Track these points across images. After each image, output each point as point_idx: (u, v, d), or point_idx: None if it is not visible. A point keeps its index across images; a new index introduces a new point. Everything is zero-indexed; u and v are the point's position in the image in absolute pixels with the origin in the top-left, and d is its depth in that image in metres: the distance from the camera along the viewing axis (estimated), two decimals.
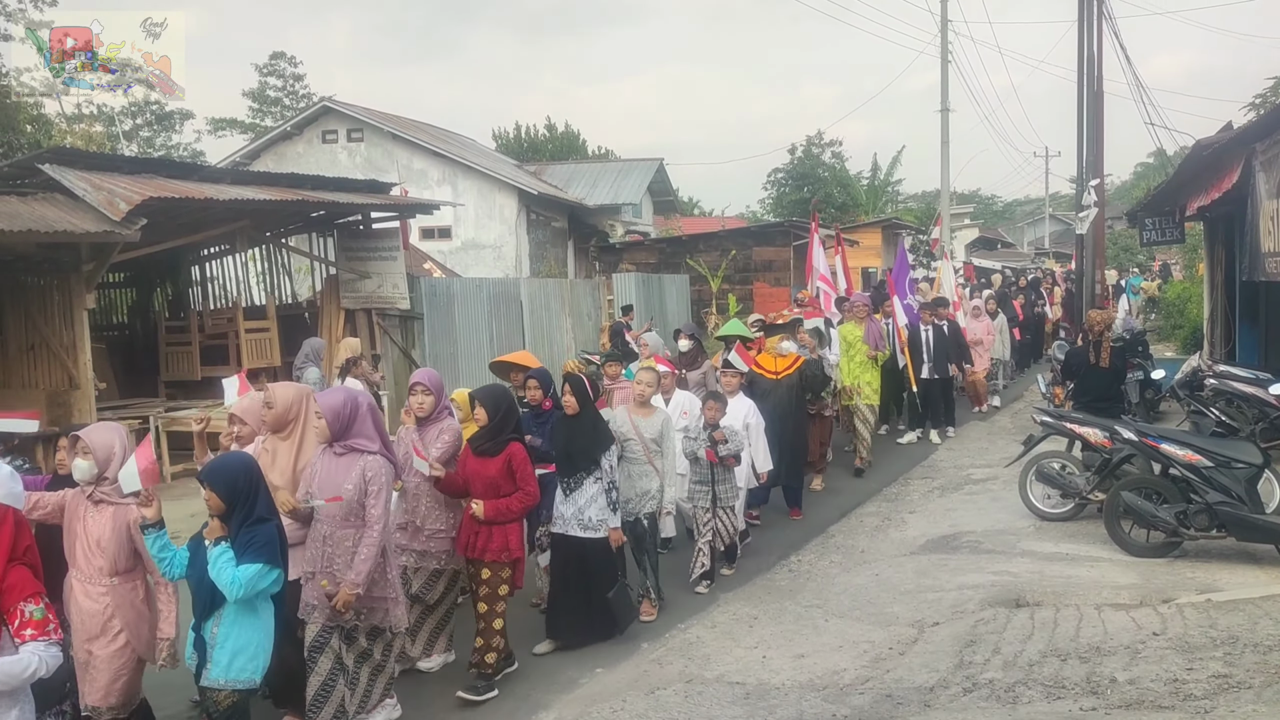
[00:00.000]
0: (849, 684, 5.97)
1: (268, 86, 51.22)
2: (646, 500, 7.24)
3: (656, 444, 7.28)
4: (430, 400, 6.35)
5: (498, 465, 6.04)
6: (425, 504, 6.31)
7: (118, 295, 17.18)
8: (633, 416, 7.33)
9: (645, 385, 7.46)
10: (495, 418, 6.11)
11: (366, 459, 5.32)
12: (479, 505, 5.97)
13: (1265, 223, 9.39)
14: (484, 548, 6.01)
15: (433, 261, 24.66)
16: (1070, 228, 30.24)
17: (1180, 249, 29.23)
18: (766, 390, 9.63)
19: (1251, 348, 14.21)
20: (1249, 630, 6.04)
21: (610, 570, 6.86)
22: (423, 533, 6.32)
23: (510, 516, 6.04)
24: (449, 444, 6.31)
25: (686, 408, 8.57)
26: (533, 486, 6.15)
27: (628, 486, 7.16)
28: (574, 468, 6.73)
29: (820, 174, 49.24)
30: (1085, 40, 16.02)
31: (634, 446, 7.23)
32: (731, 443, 7.73)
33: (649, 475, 7.26)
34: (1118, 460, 8.70)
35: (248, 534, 4.45)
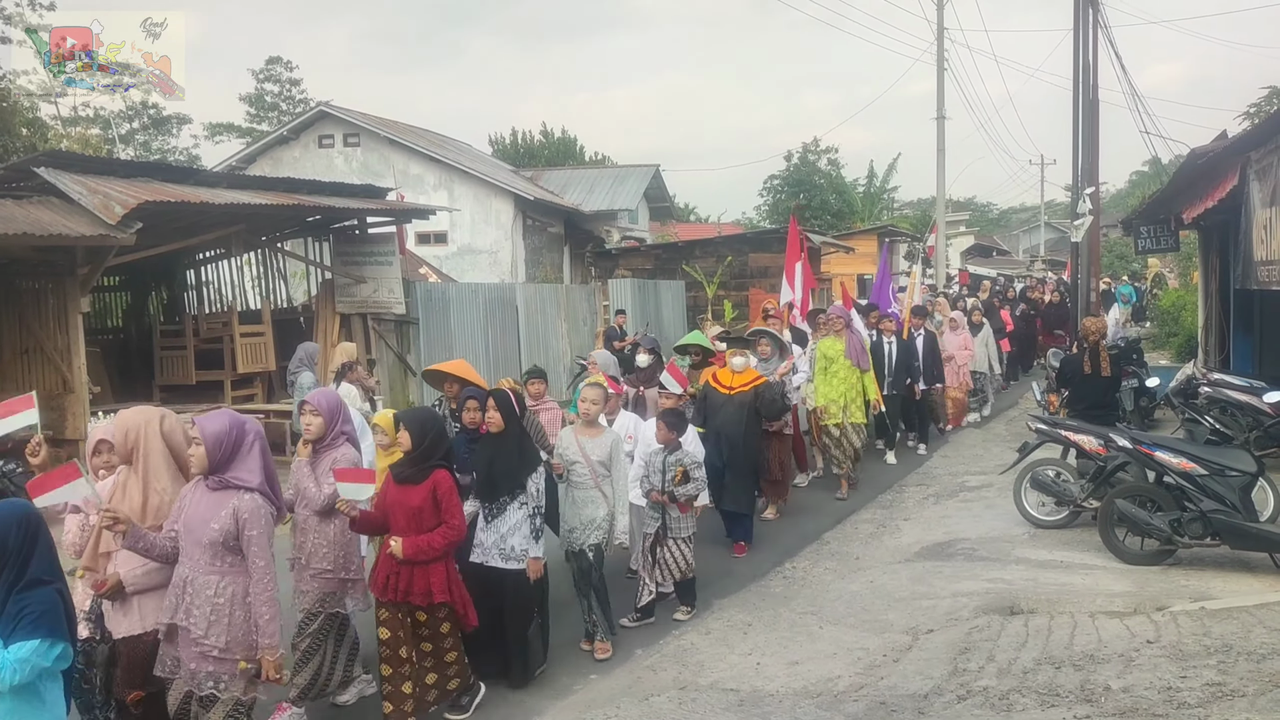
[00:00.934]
0: (843, 691, 5.97)
1: (265, 92, 51.27)
2: (592, 529, 6.64)
3: (605, 467, 6.68)
4: (318, 422, 5.69)
5: (421, 495, 5.44)
6: (312, 539, 5.69)
7: (113, 299, 17.15)
8: (579, 437, 6.77)
9: (590, 403, 6.90)
10: (421, 443, 5.51)
11: (241, 497, 4.61)
12: (397, 543, 5.38)
13: (1258, 231, 9.42)
14: (405, 589, 5.43)
15: (429, 266, 24.65)
16: (1065, 235, 30.28)
17: (1175, 257, 29.30)
18: (717, 406, 9.01)
19: (1246, 356, 14.25)
20: (1243, 638, 6.04)
21: (526, 606, 6.21)
22: (307, 571, 5.70)
23: (433, 554, 5.41)
24: None
25: (631, 431, 7.87)
26: (459, 520, 5.50)
27: (572, 514, 6.70)
28: (497, 491, 6.11)
29: (816, 181, 49.29)
30: (1081, 49, 16.04)
31: (580, 470, 6.66)
32: (693, 482, 7.16)
33: (596, 502, 6.65)
34: (1112, 468, 8.71)
35: (18, 602, 3.46)
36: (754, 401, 8.93)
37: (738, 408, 8.90)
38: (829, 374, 10.94)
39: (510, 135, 48.81)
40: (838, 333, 11.05)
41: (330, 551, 5.69)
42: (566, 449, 6.74)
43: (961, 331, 15.19)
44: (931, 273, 35.09)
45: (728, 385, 9.06)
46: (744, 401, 8.92)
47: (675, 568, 7.30)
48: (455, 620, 5.60)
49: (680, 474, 7.06)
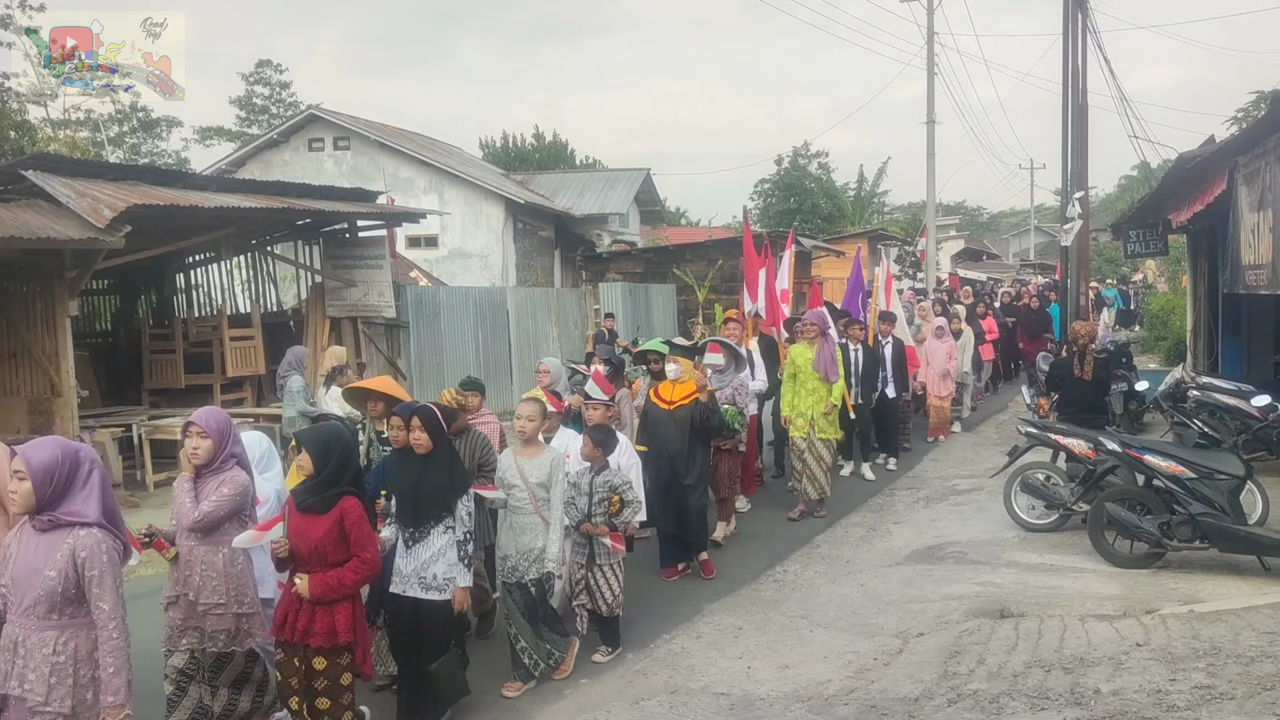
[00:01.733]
0: (834, 695, 5.97)
1: (255, 95, 51.14)
2: (535, 561, 6.11)
3: (544, 490, 6.15)
4: (208, 445, 5.08)
5: (326, 525, 4.88)
6: (199, 573, 5.07)
7: (101, 302, 17.10)
8: (517, 458, 6.22)
9: (527, 420, 6.29)
10: (324, 467, 4.93)
11: (78, 534, 3.90)
12: (303, 580, 4.86)
13: (1246, 235, 9.46)
14: (306, 629, 4.88)
15: (419, 270, 24.63)
16: (1055, 239, 30.37)
17: (1163, 261, 29.41)
18: (656, 423, 8.31)
19: (1234, 360, 14.30)
20: (1231, 641, 6.06)
21: (444, 637, 5.72)
22: (197, 608, 5.07)
23: (342, 591, 4.87)
24: (226, 500, 5.05)
25: (570, 450, 7.12)
26: (371, 553, 4.95)
27: (510, 541, 6.17)
28: (420, 515, 5.59)
29: (807, 185, 49.45)
30: (1070, 54, 16.12)
31: (519, 494, 6.13)
32: (629, 508, 6.63)
33: (535, 529, 6.12)
34: (1102, 471, 8.74)
35: None
36: (689, 417, 8.20)
37: (677, 424, 8.20)
38: (796, 383, 10.27)
39: (501, 139, 48.87)
40: (810, 340, 10.24)
41: (221, 584, 5.08)
42: (505, 471, 6.23)
43: (947, 339, 14.63)
44: (922, 276, 35.17)
45: (667, 400, 8.34)
46: (683, 417, 8.19)
47: (603, 598, 6.64)
48: (357, 672, 5.06)
49: (616, 503, 6.53)
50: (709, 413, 8.17)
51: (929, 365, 14.29)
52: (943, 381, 14.38)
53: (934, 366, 14.31)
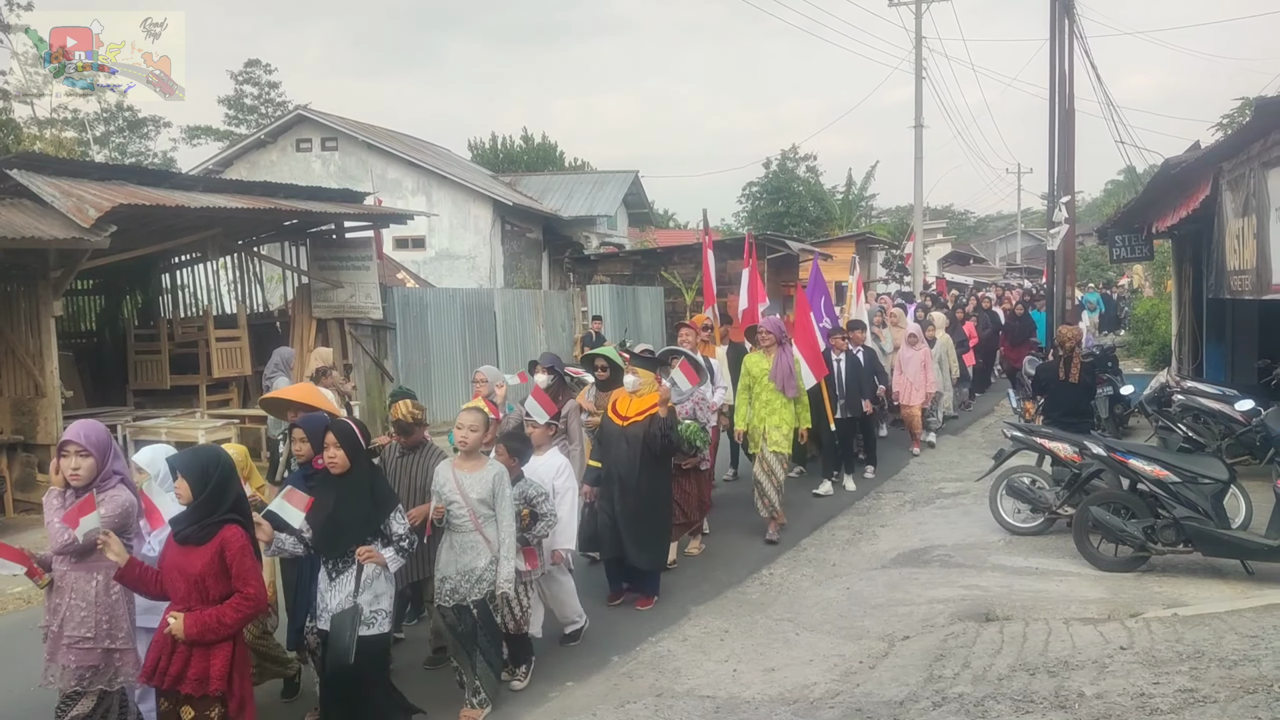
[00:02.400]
0: (819, 698, 5.97)
1: (243, 94, 51.01)
2: (475, 583, 5.72)
3: (487, 506, 5.74)
4: (89, 464, 4.70)
5: (205, 558, 4.41)
6: (68, 600, 4.65)
7: (86, 302, 17.01)
8: (456, 472, 5.80)
9: (468, 429, 5.86)
10: (202, 492, 4.47)
11: None
12: (177, 619, 4.37)
13: (1231, 241, 9.51)
14: (178, 675, 4.40)
15: (406, 271, 24.59)
16: (1042, 244, 30.48)
17: (1149, 266, 29.57)
18: (610, 439, 7.75)
19: (1218, 364, 14.38)
20: (1214, 645, 6.09)
21: (378, 673, 5.36)
22: (62, 640, 4.65)
23: (222, 632, 4.41)
24: (105, 521, 4.63)
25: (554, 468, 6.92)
26: (254, 588, 4.48)
27: (449, 562, 5.76)
28: (341, 543, 5.20)
29: (795, 188, 49.59)
30: (1057, 59, 16.18)
31: (459, 511, 5.71)
32: (542, 521, 6.19)
33: (476, 548, 5.71)
34: (1087, 475, 8.77)
35: None
36: (646, 434, 7.57)
37: (630, 441, 7.59)
38: (752, 395, 9.71)
39: (490, 140, 48.83)
40: (766, 349, 9.66)
41: (90, 614, 4.66)
42: (443, 485, 5.78)
43: (921, 346, 14.00)
44: (909, 280, 35.26)
45: (623, 414, 7.73)
46: (636, 434, 7.59)
47: (510, 614, 6.13)
48: None
49: (526, 515, 6.07)
50: (666, 429, 7.55)
51: (901, 373, 13.80)
52: (915, 390, 13.78)
53: (906, 375, 13.79)
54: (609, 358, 8.62)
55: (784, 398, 9.51)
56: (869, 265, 40.16)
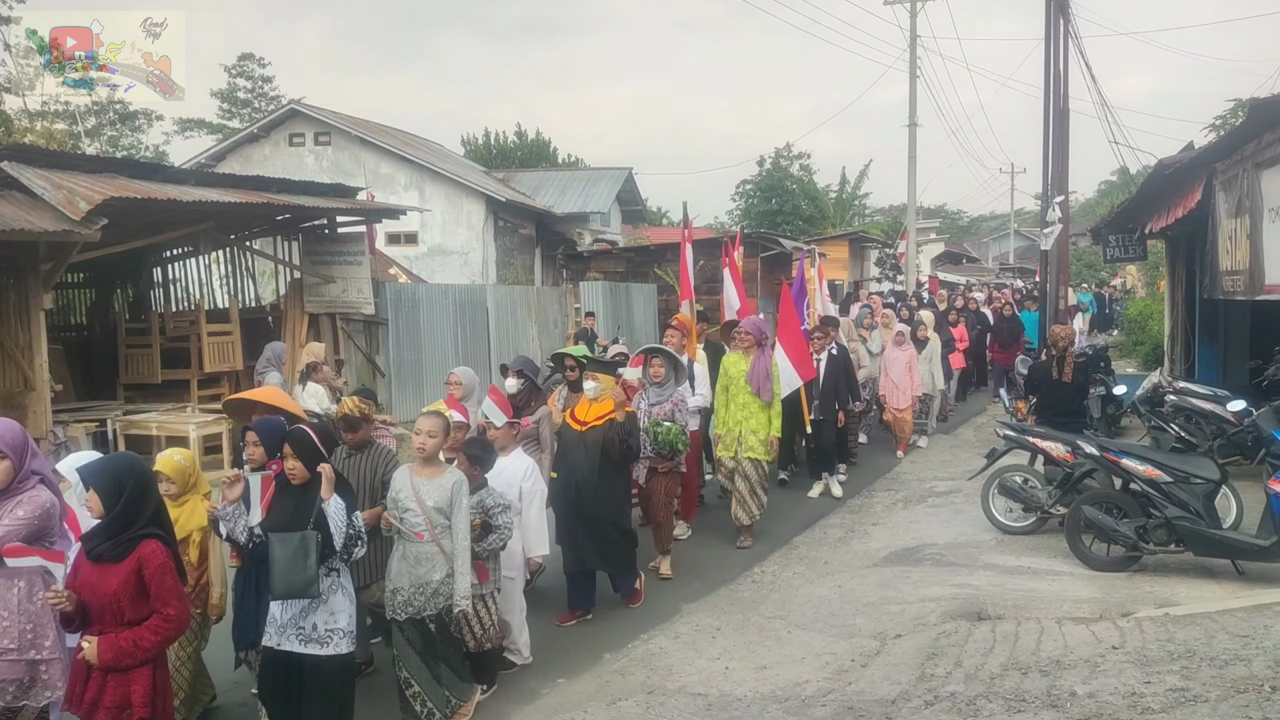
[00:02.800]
0: (811, 696, 5.96)
1: (237, 88, 50.85)
2: (431, 596, 5.41)
3: (444, 516, 5.42)
4: (6, 465, 4.43)
5: (121, 576, 4.12)
6: None
7: (76, 296, 16.92)
8: (414, 478, 5.50)
9: (426, 435, 5.54)
10: (116, 504, 4.18)
11: None
12: (91, 644, 4.12)
13: (1224, 241, 9.53)
14: (94, 702, 4.15)
15: (399, 267, 24.53)
16: (1035, 244, 30.52)
17: (1142, 266, 29.62)
18: (568, 446, 7.52)
19: (1210, 365, 14.41)
20: (1206, 644, 6.09)
21: (330, 697, 4.98)
22: None
23: (139, 656, 4.14)
24: (21, 524, 4.39)
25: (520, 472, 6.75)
26: (175, 608, 4.19)
27: (404, 573, 5.46)
28: None
29: (788, 186, 49.60)
30: (1052, 58, 16.18)
31: (414, 519, 5.42)
32: (498, 531, 5.79)
33: (433, 560, 5.41)
34: (1079, 475, 8.77)
35: None
36: (604, 440, 7.33)
37: (588, 448, 7.34)
38: (729, 397, 9.34)
39: (483, 136, 48.71)
40: (745, 350, 9.29)
41: (12, 624, 4.41)
42: (399, 492, 5.51)
43: (908, 346, 13.53)
44: (902, 279, 35.29)
45: (582, 420, 7.50)
46: (595, 440, 7.34)
47: (470, 631, 5.82)
48: None
49: (479, 524, 5.68)
50: (626, 434, 7.27)
51: (886, 375, 13.45)
52: (901, 392, 13.34)
53: (891, 376, 13.39)
54: (575, 356, 8.52)
55: (761, 401, 9.12)
56: (862, 264, 40.21)
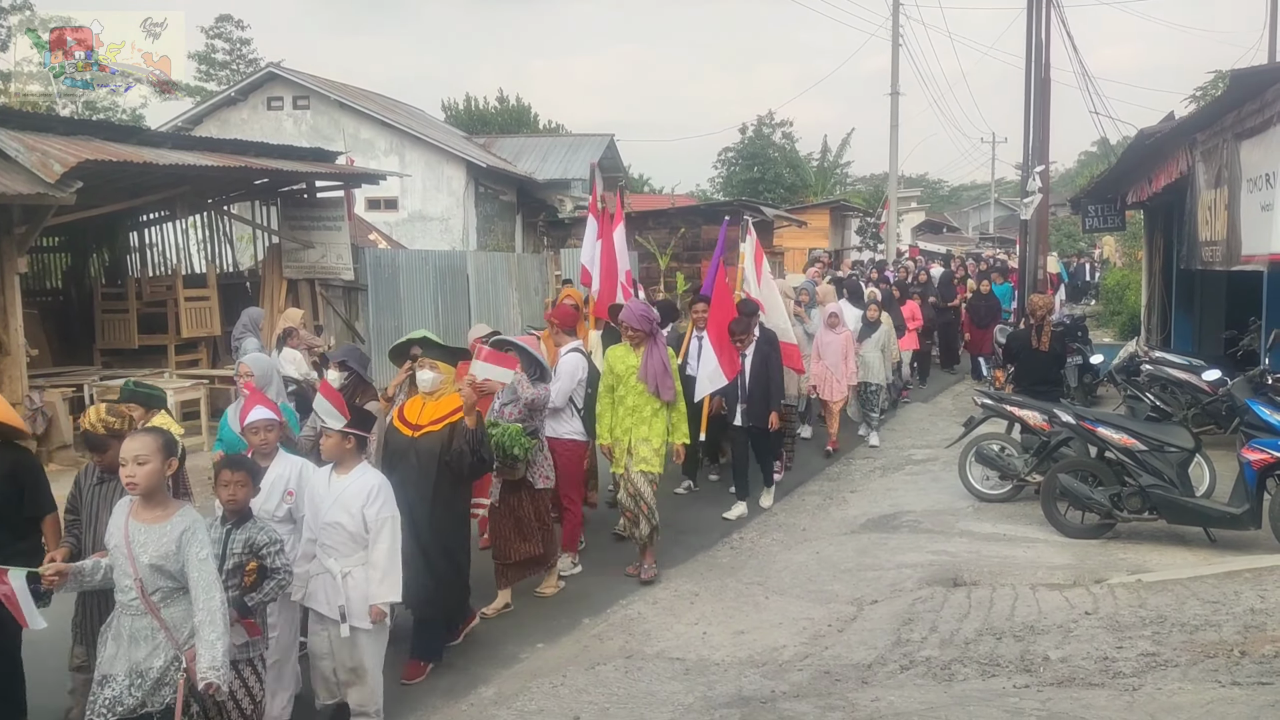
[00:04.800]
0: (788, 660, 6.02)
1: (214, 50, 50.20)
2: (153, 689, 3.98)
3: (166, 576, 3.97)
4: None
5: None
6: None
7: (52, 259, 16.73)
8: (130, 522, 4.04)
9: (134, 462, 3.97)
10: None
11: None
12: None
13: (1203, 212, 9.58)
14: None
15: (378, 233, 24.36)
16: (1015, 213, 30.61)
17: (1119, 237, 29.76)
18: (397, 455, 5.90)
19: (1186, 335, 14.55)
20: (1177, 610, 6.18)
21: None
22: None
23: None
24: None
25: (293, 484, 5.32)
26: None
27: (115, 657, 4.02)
28: None
29: (770, 154, 49.54)
30: (1034, 27, 16.17)
31: (125, 582, 3.99)
32: (275, 577, 4.62)
33: (152, 639, 3.99)
34: (1055, 443, 8.85)
35: None
36: (444, 448, 5.77)
37: (421, 459, 5.80)
38: (615, 397, 7.60)
39: (464, 101, 48.31)
40: (634, 341, 7.55)
41: None
42: (110, 539, 4.09)
43: (843, 329, 11.63)
44: (883, 248, 35.35)
45: (414, 422, 5.90)
46: (430, 449, 5.78)
47: (239, 709, 4.45)
48: None
49: (253, 570, 4.56)
50: (475, 443, 5.71)
51: (820, 360, 11.50)
52: (836, 382, 11.53)
53: (826, 362, 11.49)
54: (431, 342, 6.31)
55: (655, 402, 7.46)
56: (843, 233, 40.23)
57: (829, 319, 11.59)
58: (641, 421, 7.49)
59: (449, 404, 5.86)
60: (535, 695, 5.62)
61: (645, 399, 7.47)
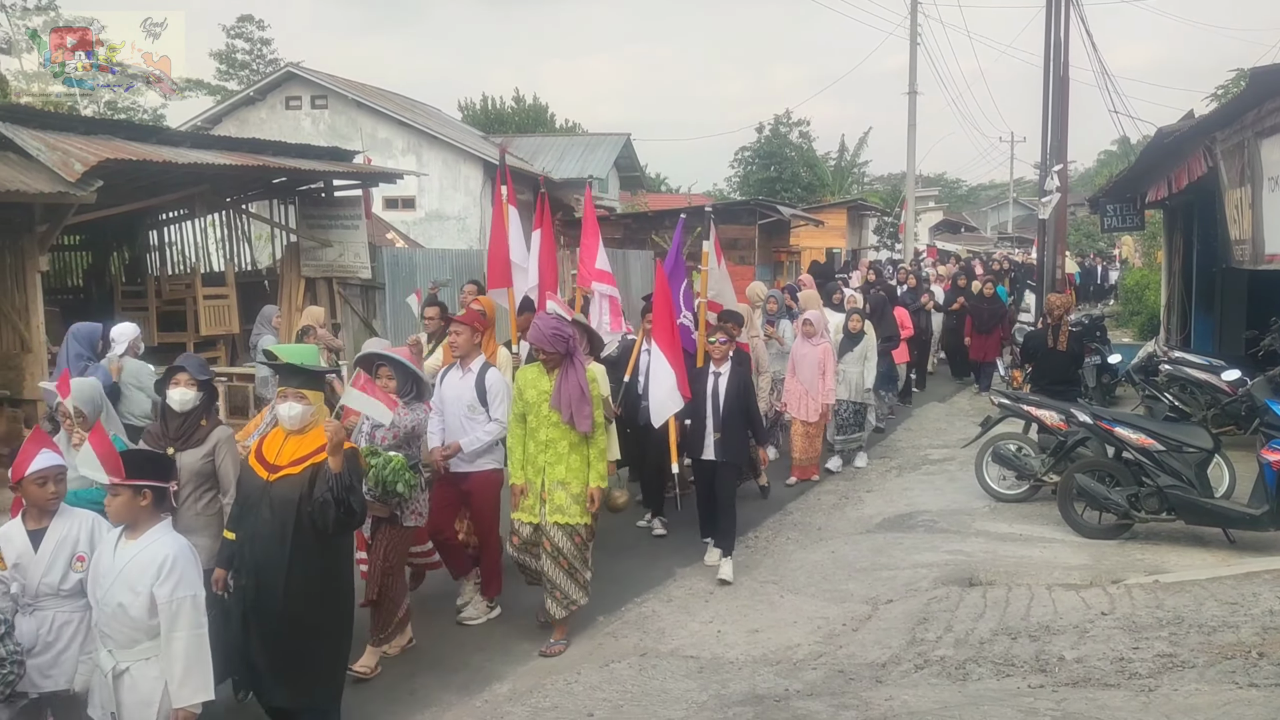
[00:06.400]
0: (802, 659, 6.02)
1: (235, 49, 50.47)
2: None
3: None
4: None
5: None
6: None
7: (73, 258, 16.88)
8: None
9: None
10: None
11: None
12: None
13: (1230, 211, 9.50)
14: None
15: (396, 232, 24.44)
16: (1033, 213, 30.45)
17: (1138, 237, 29.59)
18: (245, 500, 4.90)
19: (1206, 335, 14.44)
20: (1194, 611, 6.14)
21: None
22: None
23: None
24: None
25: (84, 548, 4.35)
26: None
27: None
28: None
29: (787, 153, 49.45)
30: (1053, 26, 16.08)
31: None
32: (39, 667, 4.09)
33: None
34: (1072, 443, 8.81)
35: None
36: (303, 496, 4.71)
37: (275, 507, 4.74)
38: (526, 430, 6.28)
39: (480, 101, 48.43)
40: (547, 363, 6.24)
41: None
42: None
43: (819, 341, 10.24)
44: (900, 247, 35.23)
45: (271, 461, 4.85)
46: (286, 496, 4.73)
47: None
48: None
49: None
50: (341, 490, 4.62)
51: (793, 375, 10.35)
52: (810, 401, 10.22)
53: (801, 378, 10.28)
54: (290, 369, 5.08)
55: (573, 435, 6.20)
56: (860, 232, 40.12)
57: (804, 327, 10.26)
58: (557, 459, 6.20)
59: (315, 440, 4.79)
60: (549, 692, 5.64)
61: (561, 431, 6.18)
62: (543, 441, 6.19)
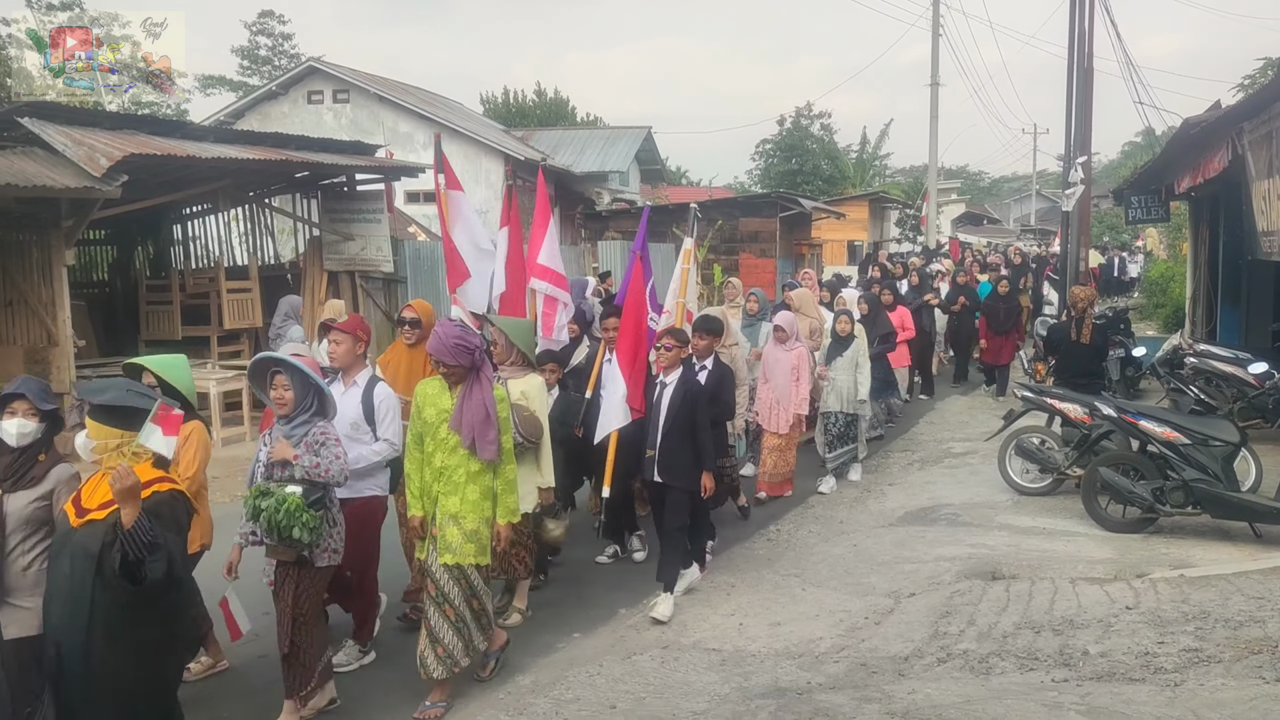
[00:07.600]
0: (825, 652, 6.01)
1: (257, 45, 50.73)
2: None
3: None
4: None
5: None
6: None
7: (98, 252, 17.03)
8: None
9: None
10: None
11: None
12: None
13: (1258, 202, 9.41)
14: None
15: (417, 225, 24.53)
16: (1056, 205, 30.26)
17: (1163, 229, 29.34)
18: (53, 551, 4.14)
19: (1232, 328, 14.31)
20: (1220, 605, 6.10)
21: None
22: None
23: None
24: None
25: None
26: None
27: None
28: None
29: (808, 146, 49.26)
30: (1077, 16, 15.94)
31: None
32: None
33: None
34: (1097, 436, 8.76)
35: None
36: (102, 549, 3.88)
37: (78, 561, 3.89)
38: (423, 454, 5.38)
39: (502, 94, 48.49)
40: (448, 378, 5.34)
41: None
42: None
43: (793, 346, 9.30)
44: (922, 240, 35.07)
45: (83, 503, 4.04)
46: (89, 548, 3.89)
47: None
48: None
49: None
50: (133, 547, 3.80)
51: (765, 382, 9.42)
52: (782, 411, 9.25)
53: (772, 385, 9.32)
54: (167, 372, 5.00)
55: (474, 463, 5.28)
56: (882, 225, 39.98)
57: (776, 333, 9.38)
58: (452, 490, 5.26)
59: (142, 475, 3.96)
60: (572, 684, 5.65)
61: (459, 457, 5.26)
62: (437, 469, 5.29)
